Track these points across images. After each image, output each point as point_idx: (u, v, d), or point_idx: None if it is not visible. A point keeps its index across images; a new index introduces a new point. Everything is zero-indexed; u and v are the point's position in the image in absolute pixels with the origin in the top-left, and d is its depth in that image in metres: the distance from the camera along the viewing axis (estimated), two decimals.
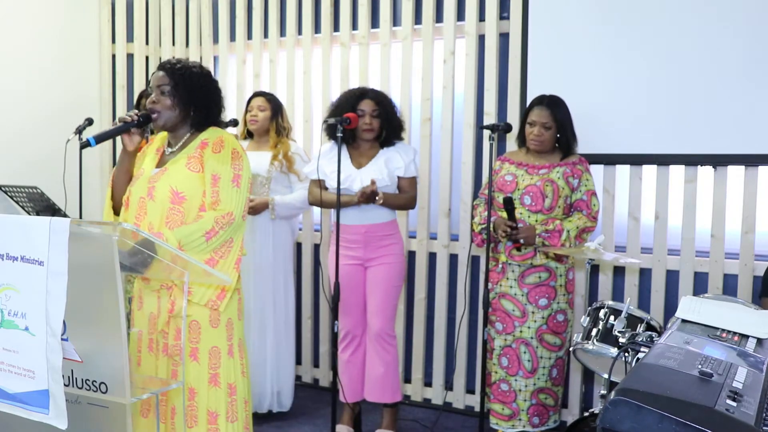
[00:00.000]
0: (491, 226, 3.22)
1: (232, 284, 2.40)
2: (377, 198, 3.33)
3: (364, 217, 3.42)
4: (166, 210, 2.39)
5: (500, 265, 3.31)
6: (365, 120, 3.38)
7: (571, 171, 3.25)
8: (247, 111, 3.87)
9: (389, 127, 3.44)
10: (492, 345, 3.34)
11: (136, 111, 2.47)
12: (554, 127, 3.24)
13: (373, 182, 3.30)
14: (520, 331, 3.25)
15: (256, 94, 3.91)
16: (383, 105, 3.42)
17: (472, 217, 3.46)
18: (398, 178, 3.46)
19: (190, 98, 2.46)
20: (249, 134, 3.91)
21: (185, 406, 2.42)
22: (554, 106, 3.24)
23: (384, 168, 3.40)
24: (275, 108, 3.85)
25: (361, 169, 3.42)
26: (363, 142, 3.46)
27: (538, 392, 3.26)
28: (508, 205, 3.14)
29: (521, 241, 3.18)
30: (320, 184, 3.49)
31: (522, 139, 3.32)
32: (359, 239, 3.43)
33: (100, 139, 2.39)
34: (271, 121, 3.83)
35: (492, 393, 3.32)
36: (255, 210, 3.70)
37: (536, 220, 3.23)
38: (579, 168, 3.27)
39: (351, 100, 3.42)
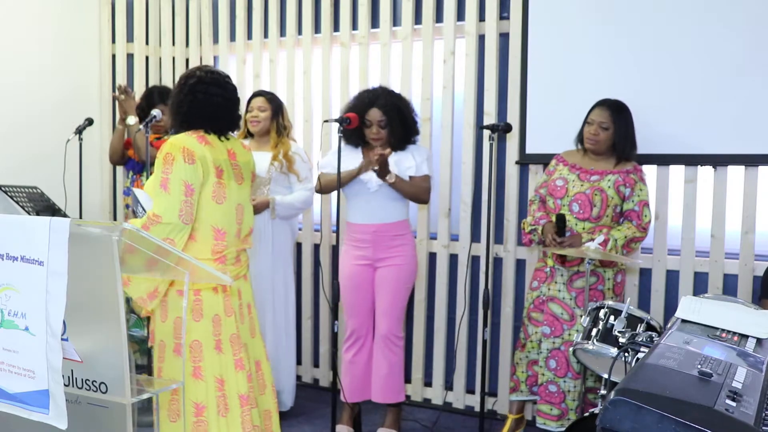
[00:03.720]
0: (541, 228, 3.29)
1: (165, 284, 2.48)
2: (388, 177, 3.30)
3: (373, 216, 3.42)
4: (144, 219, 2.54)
5: (548, 269, 3.34)
6: (372, 130, 3.37)
7: (623, 180, 3.24)
8: (247, 111, 3.86)
9: (400, 133, 3.40)
10: (525, 338, 3.39)
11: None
12: (612, 129, 3.24)
13: (385, 149, 3.27)
14: (569, 334, 3.26)
15: (256, 94, 3.89)
16: (391, 114, 3.36)
17: (527, 215, 3.48)
18: (410, 177, 3.43)
19: (173, 105, 2.67)
20: (249, 134, 3.91)
21: (168, 400, 2.50)
22: (615, 108, 3.26)
23: (394, 168, 3.37)
24: (276, 108, 3.84)
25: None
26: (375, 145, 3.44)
27: (587, 392, 3.29)
28: (560, 222, 3.19)
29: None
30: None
31: (580, 139, 3.35)
32: (368, 239, 3.42)
33: None
34: (272, 121, 3.82)
35: (540, 395, 3.34)
36: (255, 210, 3.69)
37: (583, 228, 3.25)
38: (632, 177, 3.26)
39: (361, 106, 3.39)
